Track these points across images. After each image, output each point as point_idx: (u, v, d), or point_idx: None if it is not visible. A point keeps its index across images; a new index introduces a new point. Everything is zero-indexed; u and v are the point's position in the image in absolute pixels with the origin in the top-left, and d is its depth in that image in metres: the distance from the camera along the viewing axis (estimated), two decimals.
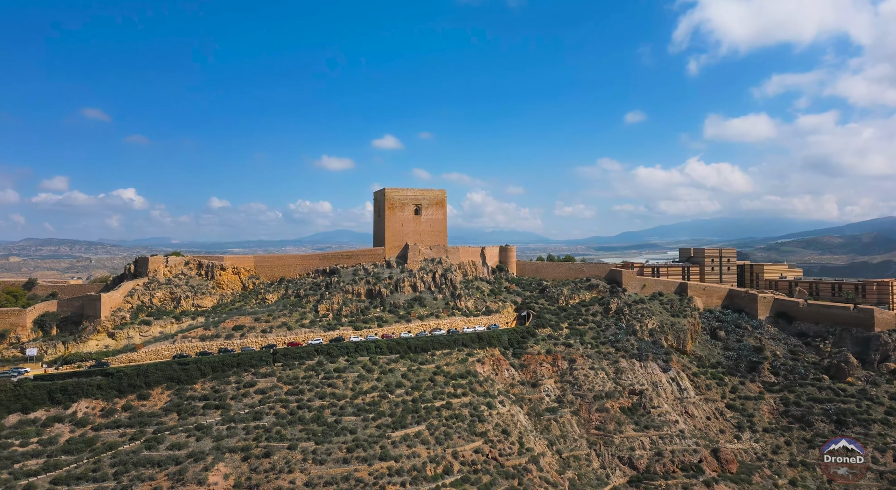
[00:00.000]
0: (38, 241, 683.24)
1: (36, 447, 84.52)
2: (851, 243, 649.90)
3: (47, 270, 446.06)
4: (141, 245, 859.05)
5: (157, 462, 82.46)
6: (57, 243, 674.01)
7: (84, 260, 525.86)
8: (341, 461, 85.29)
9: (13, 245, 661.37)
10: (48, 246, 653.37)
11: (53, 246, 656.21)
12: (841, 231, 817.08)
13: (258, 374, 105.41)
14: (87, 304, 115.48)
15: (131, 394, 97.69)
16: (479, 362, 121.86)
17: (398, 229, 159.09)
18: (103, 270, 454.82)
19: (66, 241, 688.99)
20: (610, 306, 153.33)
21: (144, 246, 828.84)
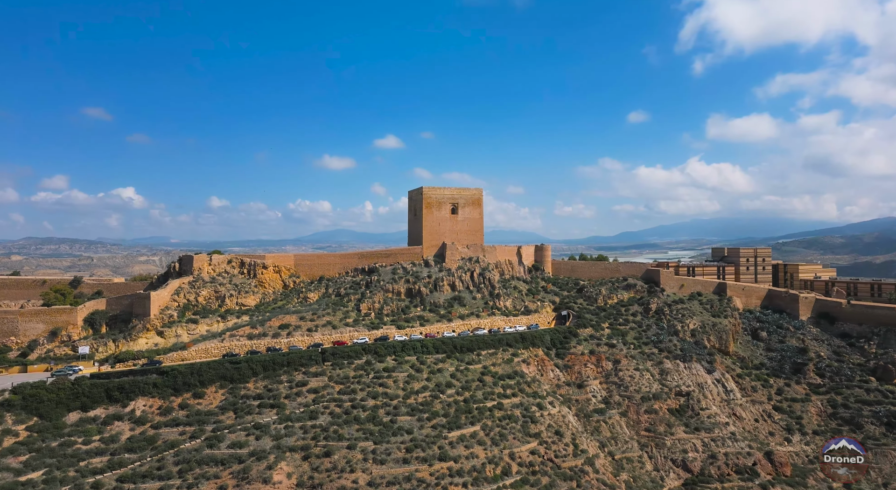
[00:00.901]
0: (38, 241, 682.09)
1: (98, 445, 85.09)
2: (853, 244, 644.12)
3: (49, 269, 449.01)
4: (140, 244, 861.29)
5: (220, 460, 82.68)
6: (57, 242, 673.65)
7: (86, 259, 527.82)
8: (401, 461, 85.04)
9: (13, 244, 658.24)
10: (48, 245, 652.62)
11: (53, 245, 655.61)
12: (841, 231, 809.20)
13: (309, 373, 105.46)
14: (137, 303, 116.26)
15: (186, 392, 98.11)
16: (525, 363, 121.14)
17: (435, 228, 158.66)
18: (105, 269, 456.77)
19: (65, 241, 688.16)
20: (650, 306, 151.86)
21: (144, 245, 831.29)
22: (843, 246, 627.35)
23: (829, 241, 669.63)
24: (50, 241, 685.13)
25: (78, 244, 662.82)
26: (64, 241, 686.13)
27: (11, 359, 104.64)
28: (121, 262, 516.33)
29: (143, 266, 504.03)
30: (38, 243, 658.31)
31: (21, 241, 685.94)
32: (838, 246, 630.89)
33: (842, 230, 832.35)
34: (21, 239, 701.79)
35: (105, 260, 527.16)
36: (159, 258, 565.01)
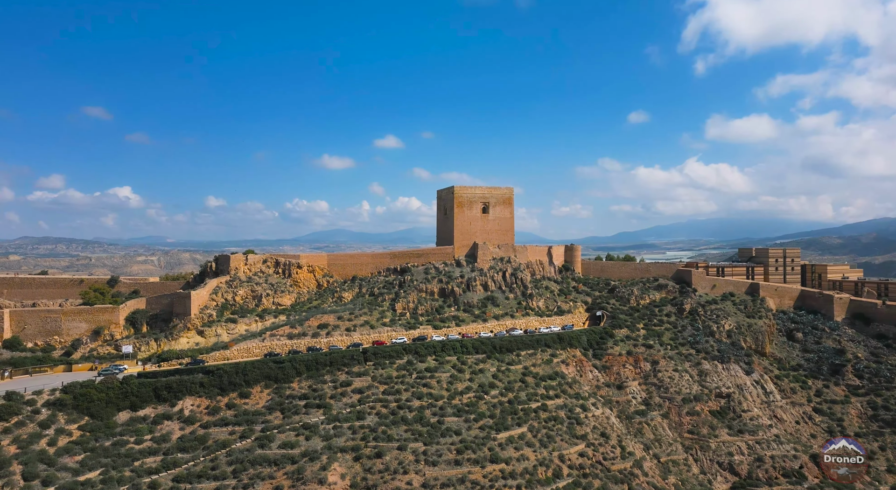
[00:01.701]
0: (35, 240, 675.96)
1: (150, 445, 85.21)
2: (850, 244, 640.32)
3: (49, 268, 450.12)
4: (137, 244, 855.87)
5: (274, 461, 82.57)
6: (53, 241, 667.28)
7: (84, 258, 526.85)
8: (453, 463, 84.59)
9: (10, 243, 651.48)
10: (44, 244, 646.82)
11: (50, 244, 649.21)
12: (838, 232, 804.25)
13: (352, 373, 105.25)
14: (177, 302, 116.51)
15: (232, 392, 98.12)
16: (564, 363, 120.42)
17: (466, 228, 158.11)
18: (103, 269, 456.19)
19: (62, 240, 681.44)
20: (684, 307, 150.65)
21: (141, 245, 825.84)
22: (841, 247, 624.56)
23: (826, 242, 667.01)
24: (46, 240, 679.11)
25: (75, 244, 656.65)
26: (60, 240, 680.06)
27: (56, 358, 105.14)
28: (119, 262, 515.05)
29: (141, 266, 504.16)
30: (34, 243, 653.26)
31: (17, 240, 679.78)
32: (836, 247, 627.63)
33: (838, 231, 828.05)
34: (17, 238, 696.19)
35: (103, 260, 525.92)
36: (157, 258, 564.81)
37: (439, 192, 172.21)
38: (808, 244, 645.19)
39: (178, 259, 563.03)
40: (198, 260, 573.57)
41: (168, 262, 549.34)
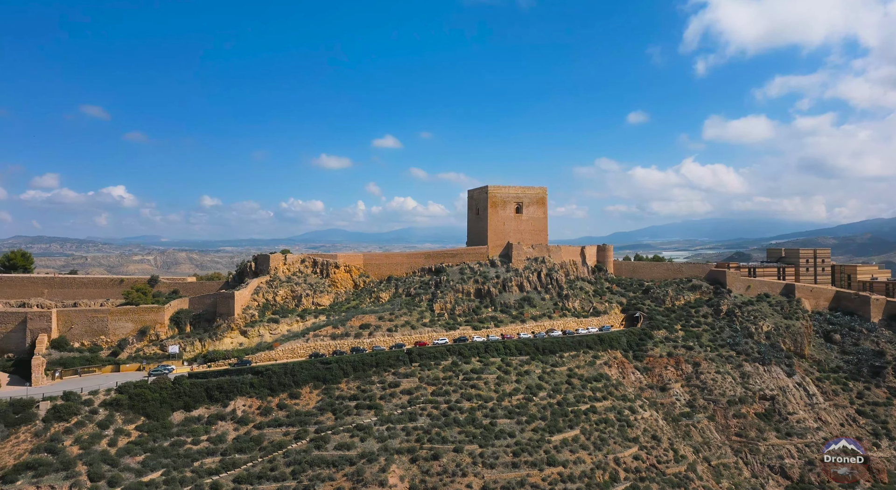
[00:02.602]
0: (28, 239, 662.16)
1: (207, 445, 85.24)
2: (845, 245, 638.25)
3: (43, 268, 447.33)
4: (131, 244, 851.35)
5: (331, 462, 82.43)
6: (47, 241, 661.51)
7: (79, 258, 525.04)
8: (510, 465, 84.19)
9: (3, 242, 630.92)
10: (38, 244, 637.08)
11: (44, 244, 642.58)
12: (832, 232, 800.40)
13: (399, 374, 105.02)
14: (221, 302, 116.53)
15: (282, 392, 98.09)
16: (606, 365, 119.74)
17: (500, 228, 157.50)
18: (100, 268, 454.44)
19: (55, 239, 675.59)
20: (720, 307, 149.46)
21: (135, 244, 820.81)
22: (836, 247, 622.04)
23: (822, 243, 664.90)
24: (40, 239, 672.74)
25: (69, 243, 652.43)
26: (54, 239, 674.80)
27: (103, 358, 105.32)
28: (115, 262, 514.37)
29: (138, 265, 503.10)
30: (27, 242, 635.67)
31: (10, 239, 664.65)
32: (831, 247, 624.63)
33: (833, 231, 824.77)
34: (10, 237, 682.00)
35: (99, 259, 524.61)
36: (154, 258, 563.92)
37: (470, 192, 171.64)
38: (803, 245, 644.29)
39: (175, 259, 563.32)
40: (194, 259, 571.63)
41: (165, 261, 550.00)
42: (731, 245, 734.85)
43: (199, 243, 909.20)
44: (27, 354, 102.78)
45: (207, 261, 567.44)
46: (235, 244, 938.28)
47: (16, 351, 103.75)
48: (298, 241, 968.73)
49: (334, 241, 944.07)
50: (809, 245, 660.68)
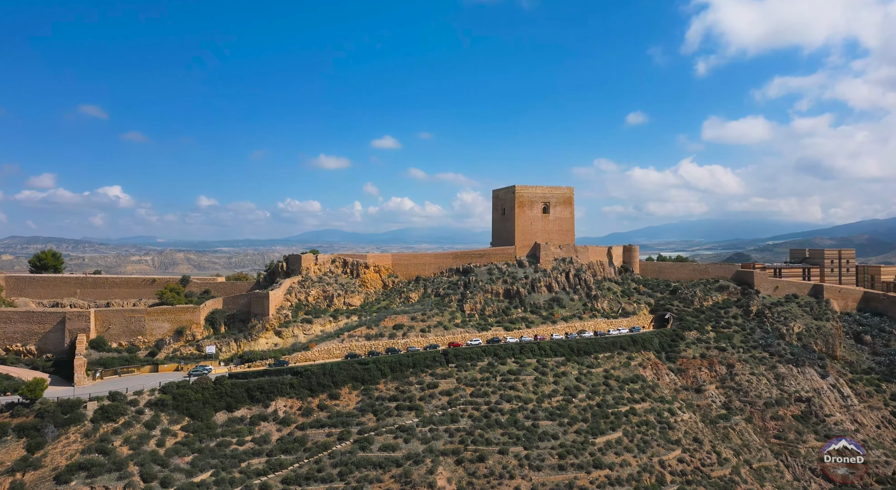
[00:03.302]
0: (24, 239, 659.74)
1: (252, 446, 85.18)
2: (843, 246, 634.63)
3: None
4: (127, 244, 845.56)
5: (378, 464, 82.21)
6: (43, 241, 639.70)
7: (76, 258, 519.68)
8: (556, 468, 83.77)
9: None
10: (34, 244, 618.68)
11: (39, 244, 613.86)
12: (829, 233, 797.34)
13: (436, 374, 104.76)
14: (255, 302, 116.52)
15: (322, 393, 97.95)
16: (641, 366, 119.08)
17: (527, 228, 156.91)
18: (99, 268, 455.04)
19: (51, 240, 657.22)
20: (750, 308, 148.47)
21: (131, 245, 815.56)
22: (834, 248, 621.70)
23: (819, 243, 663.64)
24: (36, 239, 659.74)
25: (65, 243, 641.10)
26: (50, 240, 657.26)
27: (141, 358, 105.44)
28: (112, 262, 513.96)
29: (135, 266, 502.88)
30: (23, 242, 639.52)
31: (6, 239, 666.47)
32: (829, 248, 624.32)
33: (829, 232, 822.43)
34: (6, 238, 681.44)
35: (96, 260, 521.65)
36: (151, 258, 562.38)
37: (496, 192, 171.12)
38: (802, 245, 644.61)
39: (173, 259, 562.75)
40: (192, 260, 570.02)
41: (162, 262, 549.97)
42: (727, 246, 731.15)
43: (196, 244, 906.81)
44: (66, 355, 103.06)
45: (205, 261, 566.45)
46: (232, 244, 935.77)
47: (54, 351, 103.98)
48: (295, 242, 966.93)
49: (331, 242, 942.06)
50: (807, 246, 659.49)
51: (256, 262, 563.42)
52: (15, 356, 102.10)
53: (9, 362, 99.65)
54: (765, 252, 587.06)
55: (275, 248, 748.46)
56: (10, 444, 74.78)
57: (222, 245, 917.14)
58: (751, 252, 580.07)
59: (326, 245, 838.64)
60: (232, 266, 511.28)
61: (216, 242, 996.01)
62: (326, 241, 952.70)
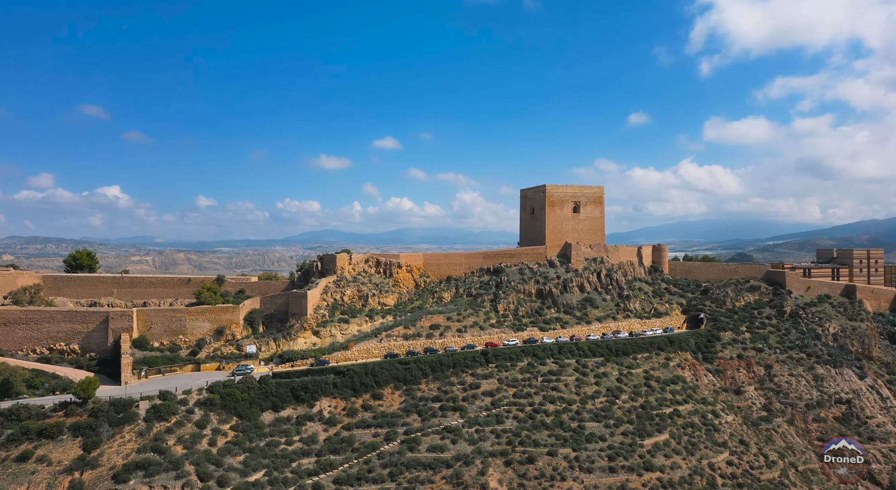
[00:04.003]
0: (23, 239, 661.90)
1: (300, 446, 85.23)
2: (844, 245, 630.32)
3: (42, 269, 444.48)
4: (126, 244, 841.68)
5: (427, 464, 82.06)
6: (42, 241, 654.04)
7: None
8: (607, 470, 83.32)
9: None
10: (33, 244, 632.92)
11: (39, 244, 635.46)
12: (828, 233, 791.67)
13: (477, 375, 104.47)
14: (293, 302, 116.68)
15: (365, 393, 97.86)
16: (679, 367, 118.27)
17: (557, 227, 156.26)
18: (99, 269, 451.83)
19: (50, 240, 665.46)
20: (784, 309, 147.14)
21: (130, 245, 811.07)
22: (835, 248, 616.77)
23: (820, 244, 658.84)
24: (35, 240, 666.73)
25: (64, 243, 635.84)
26: (49, 240, 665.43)
27: (183, 357, 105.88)
28: (113, 262, 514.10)
29: (136, 266, 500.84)
30: (23, 242, 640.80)
31: (5, 239, 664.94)
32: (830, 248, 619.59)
33: (828, 232, 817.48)
34: (5, 238, 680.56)
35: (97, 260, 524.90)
36: (152, 258, 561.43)
37: (524, 192, 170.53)
38: (802, 245, 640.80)
39: (173, 259, 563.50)
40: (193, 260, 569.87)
41: (163, 262, 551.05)
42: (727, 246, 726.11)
43: (195, 244, 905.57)
44: (109, 354, 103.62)
45: (206, 261, 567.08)
46: (230, 244, 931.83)
47: (97, 350, 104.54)
48: (294, 242, 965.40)
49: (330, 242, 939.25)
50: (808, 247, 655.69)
51: (257, 263, 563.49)
52: (59, 355, 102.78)
53: (53, 361, 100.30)
54: (765, 252, 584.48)
55: (274, 249, 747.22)
56: (66, 443, 75.18)
57: (221, 245, 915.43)
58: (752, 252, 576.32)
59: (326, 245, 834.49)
60: (232, 266, 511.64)
61: (214, 243, 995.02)
62: (325, 242, 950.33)
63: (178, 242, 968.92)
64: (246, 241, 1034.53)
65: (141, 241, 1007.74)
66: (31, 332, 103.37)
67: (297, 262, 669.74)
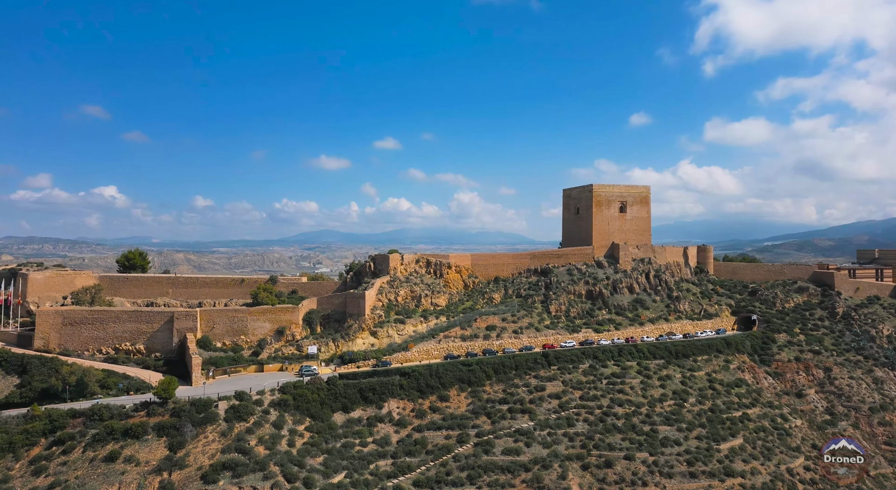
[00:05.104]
0: (20, 240, 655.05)
1: (375, 447, 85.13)
2: (843, 246, 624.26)
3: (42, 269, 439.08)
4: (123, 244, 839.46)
5: (504, 467, 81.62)
6: (39, 242, 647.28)
7: (77, 259, 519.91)
8: (688, 475, 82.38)
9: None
10: (30, 245, 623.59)
11: (36, 244, 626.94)
12: (826, 234, 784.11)
13: (540, 377, 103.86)
14: (351, 302, 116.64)
15: (431, 395, 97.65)
16: (739, 370, 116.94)
17: (604, 228, 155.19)
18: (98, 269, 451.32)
19: (47, 240, 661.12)
20: (836, 310, 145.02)
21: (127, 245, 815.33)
22: (834, 248, 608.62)
23: (819, 244, 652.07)
24: (32, 240, 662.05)
25: (61, 244, 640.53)
26: (46, 240, 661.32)
27: (246, 357, 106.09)
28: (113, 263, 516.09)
29: None
30: (19, 243, 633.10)
31: (2, 240, 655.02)
32: (829, 248, 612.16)
33: (826, 233, 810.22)
34: (2, 238, 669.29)
35: (96, 260, 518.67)
36: (152, 258, 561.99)
37: (567, 191, 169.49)
38: (802, 246, 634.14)
39: (173, 259, 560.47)
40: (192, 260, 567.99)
41: (162, 262, 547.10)
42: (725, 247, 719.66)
43: (192, 244, 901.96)
44: (174, 354, 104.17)
45: (205, 262, 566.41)
46: (228, 245, 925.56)
47: (162, 350, 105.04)
48: (292, 243, 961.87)
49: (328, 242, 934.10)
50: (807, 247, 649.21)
51: (256, 263, 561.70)
52: (125, 355, 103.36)
53: (120, 361, 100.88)
54: (765, 253, 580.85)
55: (272, 249, 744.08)
56: (152, 443, 75.50)
57: (218, 245, 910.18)
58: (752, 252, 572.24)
59: (323, 245, 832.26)
60: (232, 266, 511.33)
61: (212, 243, 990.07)
62: (323, 242, 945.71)
63: (175, 243, 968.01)
64: (243, 242, 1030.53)
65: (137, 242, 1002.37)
66: (96, 332, 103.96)
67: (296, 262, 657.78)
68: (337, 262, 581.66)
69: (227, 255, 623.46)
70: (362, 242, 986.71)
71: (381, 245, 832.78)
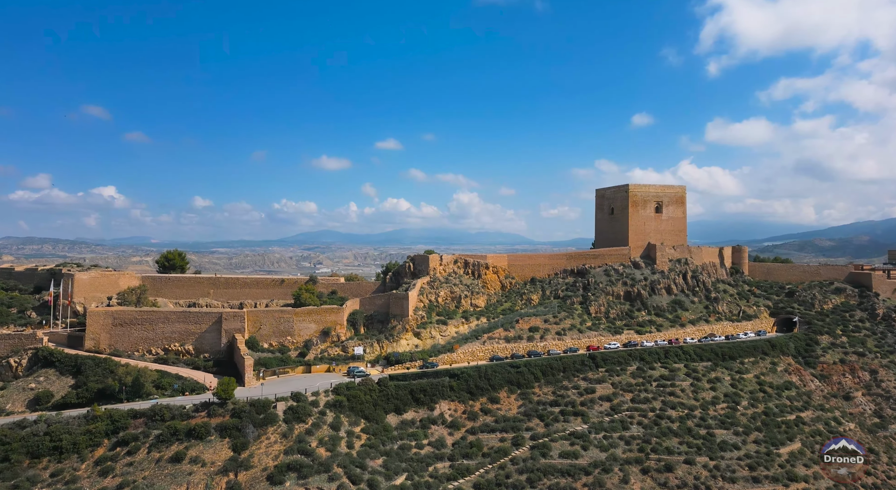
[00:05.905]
0: (19, 240, 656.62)
1: (431, 450, 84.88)
2: (843, 246, 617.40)
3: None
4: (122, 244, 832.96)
5: (563, 471, 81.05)
6: (38, 242, 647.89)
7: (77, 258, 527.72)
8: (751, 480, 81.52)
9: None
10: (30, 245, 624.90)
11: (35, 245, 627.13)
12: (826, 234, 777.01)
13: (589, 379, 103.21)
14: (394, 303, 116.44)
15: (481, 396, 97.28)
16: (786, 372, 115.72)
17: (640, 228, 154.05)
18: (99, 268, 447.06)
19: (46, 240, 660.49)
20: (876, 311, 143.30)
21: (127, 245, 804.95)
22: (835, 249, 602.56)
23: (820, 244, 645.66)
24: (31, 240, 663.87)
25: (60, 244, 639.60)
26: (45, 240, 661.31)
27: (294, 358, 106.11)
28: (113, 263, 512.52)
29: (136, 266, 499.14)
30: (19, 243, 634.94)
31: (1, 240, 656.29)
32: (830, 249, 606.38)
33: (825, 233, 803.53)
34: (1, 238, 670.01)
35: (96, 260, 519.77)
36: (152, 259, 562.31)
37: (601, 191, 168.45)
38: (802, 246, 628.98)
39: None
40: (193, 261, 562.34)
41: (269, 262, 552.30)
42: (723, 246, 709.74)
43: (191, 244, 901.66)
44: (223, 354, 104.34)
45: (205, 262, 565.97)
46: (226, 245, 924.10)
47: (210, 351, 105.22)
48: (291, 243, 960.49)
49: (327, 243, 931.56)
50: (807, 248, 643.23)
51: (256, 263, 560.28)
52: (174, 356, 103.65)
53: (170, 362, 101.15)
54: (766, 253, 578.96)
55: (272, 249, 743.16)
56: (216, 444, 75.49)
57: (217, 246, 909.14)
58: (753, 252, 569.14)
59: (323, 246, 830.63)
60: (232, 267, 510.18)
61: (210, 243, 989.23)
62: (323, 242, 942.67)
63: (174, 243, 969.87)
64: (242, 242, 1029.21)
65: (137, 242, 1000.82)
66: (146, 333, 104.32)
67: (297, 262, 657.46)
68: (337, 262, 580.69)
69: (227, 256, 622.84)
70: (362, 243, 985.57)
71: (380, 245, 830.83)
